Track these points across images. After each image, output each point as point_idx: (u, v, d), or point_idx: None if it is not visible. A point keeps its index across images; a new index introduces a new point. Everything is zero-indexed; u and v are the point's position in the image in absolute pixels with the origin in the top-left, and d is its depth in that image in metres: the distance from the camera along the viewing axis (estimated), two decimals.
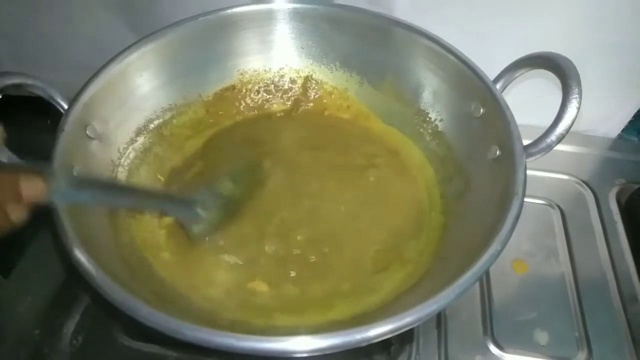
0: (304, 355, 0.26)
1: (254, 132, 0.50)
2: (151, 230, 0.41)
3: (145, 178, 0.43)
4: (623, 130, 0.60)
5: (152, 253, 0.39)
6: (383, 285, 0.38)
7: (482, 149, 0.39)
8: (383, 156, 0.47)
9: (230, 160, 0.46)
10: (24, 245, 0.45)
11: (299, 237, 0.40)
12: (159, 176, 0.45)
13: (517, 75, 0.41)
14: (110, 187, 0.35)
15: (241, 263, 0.39)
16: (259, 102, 0.52)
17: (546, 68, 0.37)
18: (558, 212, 0.52)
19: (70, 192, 0.28)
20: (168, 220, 0.41)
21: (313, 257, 0.39)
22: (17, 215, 0.25)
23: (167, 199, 0.40)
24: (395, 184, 0.45)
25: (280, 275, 0.38)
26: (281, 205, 0.42)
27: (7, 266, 0.43)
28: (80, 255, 0.28)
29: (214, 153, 0.47)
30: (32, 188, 0.25)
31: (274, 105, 0.52)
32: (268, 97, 0.52)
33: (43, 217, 0.30)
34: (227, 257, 0.39)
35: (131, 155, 0.43)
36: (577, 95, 0.35)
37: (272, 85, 0.52)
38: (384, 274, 0.39)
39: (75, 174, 0.34)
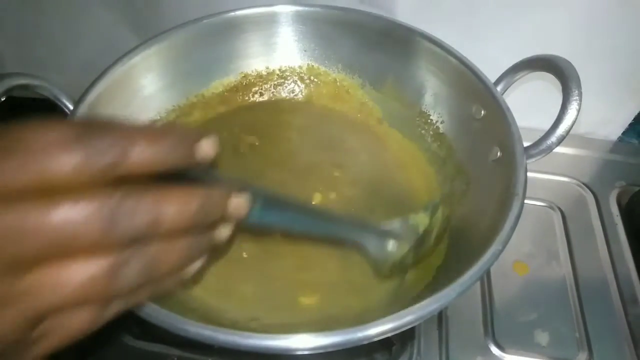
0: (306, 352, 0.26)
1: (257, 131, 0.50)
2: None
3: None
4: (623, 133, 0.61)
5: None
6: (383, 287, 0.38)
7: (483, 151, 0.39)
8: (383, 157, 0.48)
9: (236, 159, 0.46)
10: None
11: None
12: None
13: (517, 77, 0.41)
14: (301, 210, 0.31)
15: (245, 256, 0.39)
16: (262, 101, 0.52)
17: (547, 70, 0.38)
18: (559, 214, 0.52)
19: (264, 212, 0.25)
20: None
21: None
22: (223, 235, 0.22)
23: (360, 227, 0.36)
24: (395, 184, 0.45)
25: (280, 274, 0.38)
26: None
27: None
28: None
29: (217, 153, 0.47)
30: (240, 206, 0.22)
31: (279, 104, 0.52)
32: (271, 96, 0.52)
33: None
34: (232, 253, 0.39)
35: None
36: (577, 98, 0.35)
37: (275, 87, 0.52)
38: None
39: None
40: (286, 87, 0.52)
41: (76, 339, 0.19)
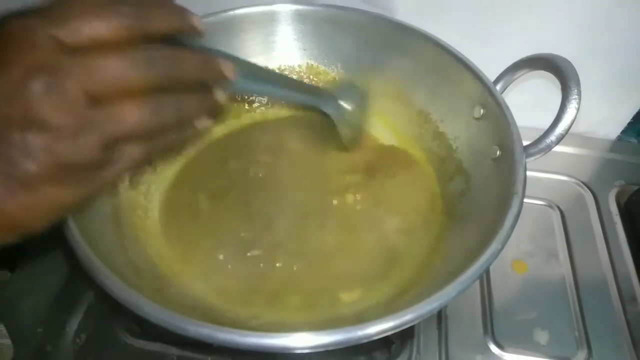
0: (306, 351, 0.26)
1: (256, 131, 0.50)
2: (154, 228, 0.41)
3: (147, 177, 0.43)
4: (622, 132, 0.61)
5: (155, 250, 0.39)
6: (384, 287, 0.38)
7: (482, 150, 0.39)
8: (382, 156, 0.48)
9: (236, 159, 0.46)
10: (28, 242, 0.45)
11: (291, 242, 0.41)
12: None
13: (517, 76, 0.41)
14: (273, 77, 0.39)
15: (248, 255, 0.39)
16: (261, 103, 0.52)
17: (546, 69, 0.38)
18: (558, 213, 0.52)
19: (244, 81, 0.30)
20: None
21: (313, 258, 0.40)
22: (220, 96, 0.27)
23: (314, 91, 0.45)
24: (395, 184, 0.45)
25: (280, 271, 0.39)
26: (282, 203, 0.43)
27: (12, 263, 0.44)
28: (84, 252, 0.29)
29: (218, 152, 0.47)
30: (229, 68, 0.27)
31: (276, 105, 0.53)
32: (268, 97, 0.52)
33: None
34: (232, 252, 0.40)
35: None
36: (576, 96, 0.35)
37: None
38: (386, 275, 0.39)
39: None
40: None
41: (134, 169, 0.24)
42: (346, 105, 0.46)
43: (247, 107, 0.51)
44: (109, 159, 0.23)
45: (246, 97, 0.52)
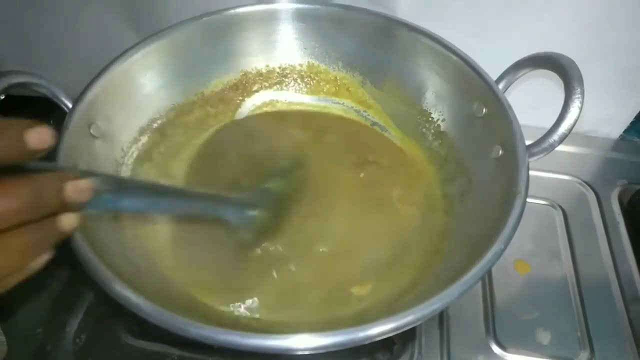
0: (307, 352, 0.26)
1: (257, 131, 0.50)
2: (155, 227, 0.41)
3: (148, 177, 0.43)
4: (625, 131, 0.60)
5: (156, 250, 0.39)
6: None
7: (484, 149, 0.39)
8: (384, 156, 0.47)
9: (239, 159, 0.46)
10: None
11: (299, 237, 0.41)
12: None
13: (519, 75, 0.41)
14: (155, 192, 0.31)
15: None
16: (262, 102, 0.52)
17: (548, 68, 0.37)
18: (560, 212, 0.52)
19: (113, 198, 0.25)
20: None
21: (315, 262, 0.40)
22: (68, 224, 0.22)
23: (216, 201, 0.36)
24: (396, 183, 0.45)
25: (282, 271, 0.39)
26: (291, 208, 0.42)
27: None
28: (84, 253, 0.28)
29: (219, 151, 0.47)
30: (79, 190, 0.21)
31: (277, 104, 0.52)
32: (271, 96, 0.52)
33: None
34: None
35: (135, 155, 0.43)
36: (579, 95, 0.35)
37: (275, 85, 0.52)
38: (387, 275, 0.39)
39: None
40: (286, 85, 0.52)
41: None
42: (253, 211, 0.38)
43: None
44: None
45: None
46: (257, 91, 0.52)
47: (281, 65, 0.51)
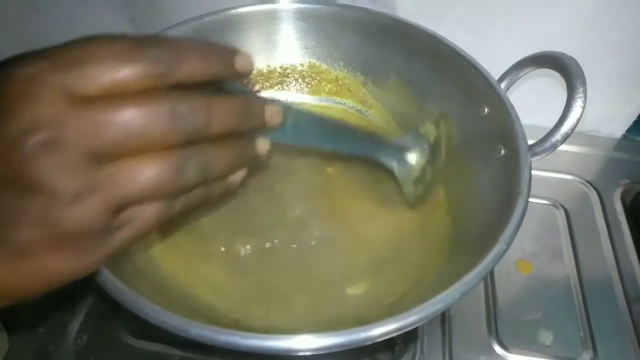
0: (308, 353, 0.26)
1: None
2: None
3: None
4: (627, 131, 0.60)
5: (157, 251, 0.39)
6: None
7: (486, 148, 0.39)
8: None
9: None
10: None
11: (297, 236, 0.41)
12: None
13: (521, 74, 0.40)
14: (327, 126, 0.32)
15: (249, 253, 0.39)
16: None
17: (551, 67, 0.37)
18: (562, 212, 0.52)
19: (294, 128, 0.26)
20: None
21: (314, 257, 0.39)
22: (262, 146, 0.24)
23: (375, 140, 0.38)
24: (397, 183, 0.45)
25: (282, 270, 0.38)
26: (287, 204, 0.43)
27: None
28: None
29: None
30: (275, 113, 0.24)
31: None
32: (271, 96, 0.52)
33: None
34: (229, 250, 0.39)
35: None
36: (582, 95, 0.34)
37: (276, 85, 0.52)
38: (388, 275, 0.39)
39: None
40: (288, 85, 0.52)
41: (148, 232, 0.21)
42: (413, 157, 0.40)
43: None
44: (119, 224, 0.20)
45: None
46: (258, 91, 0.52)
47: (282, 65, 0.51)
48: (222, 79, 0.22)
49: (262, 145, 0.24)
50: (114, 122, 0.18)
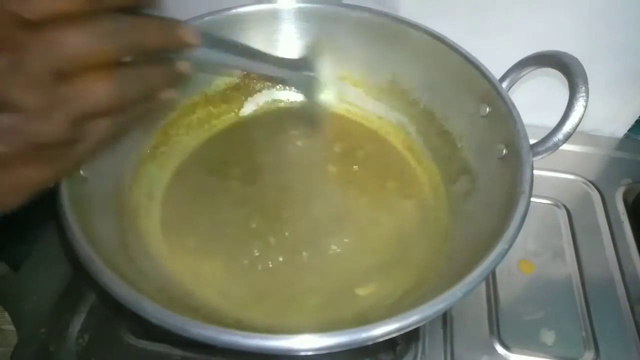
0: (310, 353, 0.26)
1: (259, 130, 0.50)
2: (155, 227, 0.41)
3: (150, 176, 0.43)
4: (629, 130, 0.60)
5: (158, 251, 0.39)
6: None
7: (488, 148, 0.39)
8: (387, 155, 0.47)
9: (241, 158, 0.46)
10: (30, 243, 0.46)
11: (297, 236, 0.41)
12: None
13: (523, 74, 0.40)
14: (235, 47, 0.36)
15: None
16: (264, 101, 0.52)
17: (553, 67, 0.37)
18: (564, 212, 0.52)
19: (207, 49, 0.29)
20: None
21: (318, 257, 0.39)
22: (183, 65, 0.27)
23: (280, 61, 0.42)
24: (399, 183, 0.45)
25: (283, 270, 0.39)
26: (285, 204, 0.43)
27: (15, 262, 0.44)
28: (86, 253, 0.28)
29: (220, 151, 0.47)
30: (189, 33, 0.26)
31: (280, 103, 0.52)
32: (272, 96, 0.52)
33: (49, 215, 0.30)
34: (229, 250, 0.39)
35: (138, 154, 0.43)
36: (584, 94, 0.34)
37: (277, 85, 0.52)
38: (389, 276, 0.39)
39: (82, 173, 0.34)
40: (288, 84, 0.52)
41: (105, 145, 0.25)
42: (310, 74, 0.46)
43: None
44: (78, 136, 0.23)
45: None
46: (259, 91, 0.52)
47: None
48: (166, 51, 0.25)
49: (184, 65, 0.27)
50: (63, 42, 0.20)
